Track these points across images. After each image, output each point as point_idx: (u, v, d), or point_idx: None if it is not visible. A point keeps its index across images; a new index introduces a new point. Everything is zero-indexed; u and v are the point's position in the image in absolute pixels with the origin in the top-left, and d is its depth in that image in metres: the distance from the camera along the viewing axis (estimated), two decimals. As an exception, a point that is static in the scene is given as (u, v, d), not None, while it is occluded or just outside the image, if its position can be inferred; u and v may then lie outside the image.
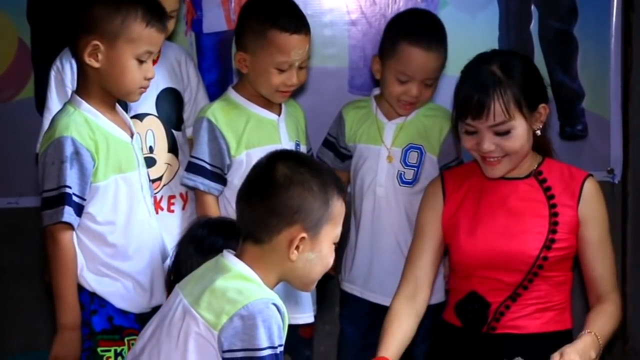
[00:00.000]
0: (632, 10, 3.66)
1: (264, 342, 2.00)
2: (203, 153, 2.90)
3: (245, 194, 2.16)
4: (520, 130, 2.61)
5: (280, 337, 2.05)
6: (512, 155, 2.63)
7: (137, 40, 2.53)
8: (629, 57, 3.68)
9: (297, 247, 2.09)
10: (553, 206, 2.66)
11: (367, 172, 3.13)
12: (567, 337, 2.68)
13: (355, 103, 3.25)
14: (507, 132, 2.59)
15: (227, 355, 2.01)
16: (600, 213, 2.69)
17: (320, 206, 2.10)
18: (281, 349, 2.05)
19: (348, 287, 3.23)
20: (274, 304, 2.05)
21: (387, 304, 2.81)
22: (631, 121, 3.71)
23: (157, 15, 2.57)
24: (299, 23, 2.88)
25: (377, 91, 3.18)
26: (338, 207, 2.14)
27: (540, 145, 2.74)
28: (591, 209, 2.67)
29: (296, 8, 2.95)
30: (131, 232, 2.61)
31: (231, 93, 2.99)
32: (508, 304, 2.66)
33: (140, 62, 2.56)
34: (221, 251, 2.17)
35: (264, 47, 2.86)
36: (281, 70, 2.87)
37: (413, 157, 3.10)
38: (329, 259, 2.16)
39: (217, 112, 2.92)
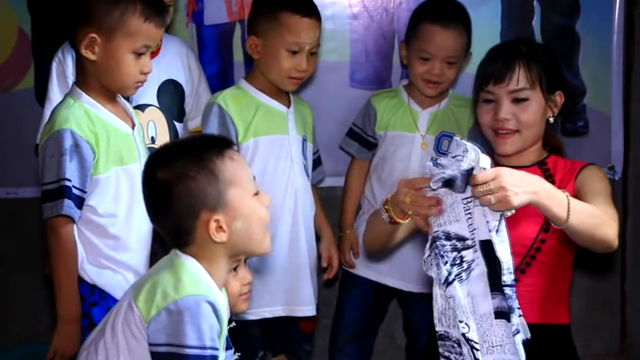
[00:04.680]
0: (634, 6, 3.66)
1: (191, 340, 1.95)
2: None
3: (149, 212, 2.11)
4: (536, 105, 2.63)
5: (212, 339, 1.98)
6: (524, 130, 2.64)
7: (135, 35, 2.51)
8: (631, 53, 3.68)
9: (220, 229, 2.04)
10: None
11: (400, 160, 3.19)
12: (564, 331, 2.67)
13: (384, 93, 3.32)
14: (524, 100, 2.62)
15: (151, 348, 1.97)
16: (598, 181, 2.60)
17: (209, 182, 2.02)
18: (212, 352, 1.98)
19: (356, 269, 3.26)
20: (209, 302, 1.99)
21: (406, 288, 3.00)
22: (632, 118, 3.71)
23: (156, 10, 2.55)
24: (309, 8, 2.96)
25: (405, 82, 3.27)
26: (229, 167, 2.05)
27: (553, 146, 2.75)
28: (586, 178, 2.62)
29: None
30: (132, 224, 2.59)
31: (242, 83, 3.04)
32: (506, 290, 2.65)
33: (138, 55, 2.54)
34: None
35: (275, 29, 2.92)
36: (292, 53, 2.92)
37: (445, 145, 3.17)
38: (259, 212, 2.08)
39: (228, 99, 2.96)
